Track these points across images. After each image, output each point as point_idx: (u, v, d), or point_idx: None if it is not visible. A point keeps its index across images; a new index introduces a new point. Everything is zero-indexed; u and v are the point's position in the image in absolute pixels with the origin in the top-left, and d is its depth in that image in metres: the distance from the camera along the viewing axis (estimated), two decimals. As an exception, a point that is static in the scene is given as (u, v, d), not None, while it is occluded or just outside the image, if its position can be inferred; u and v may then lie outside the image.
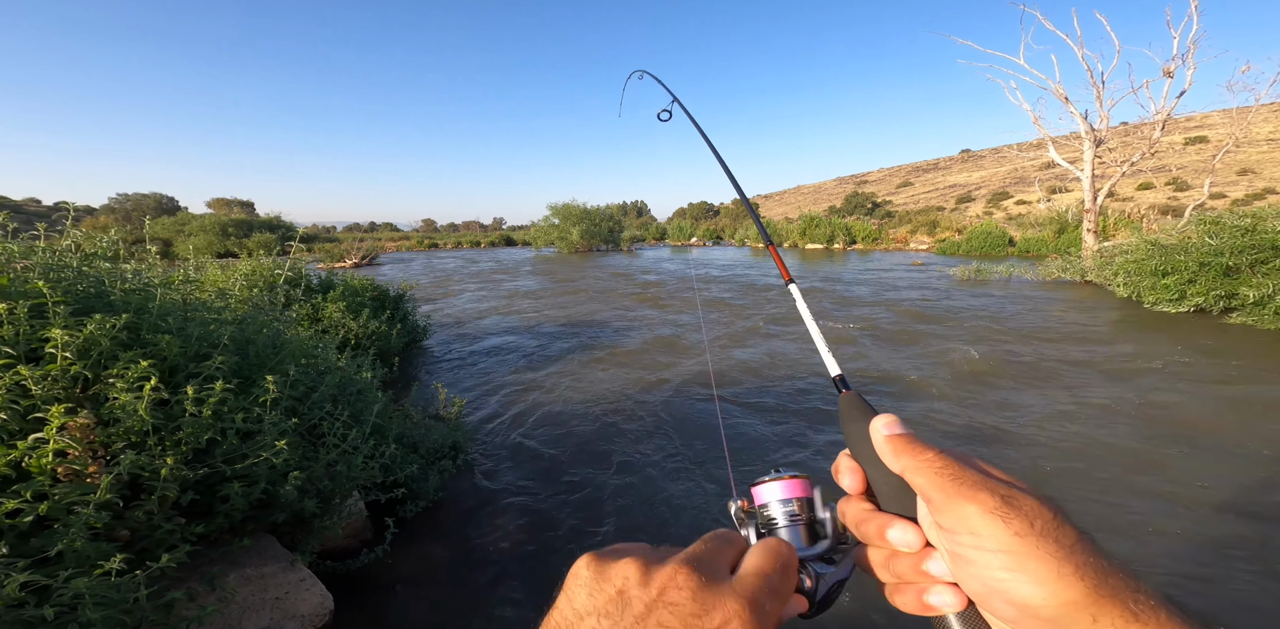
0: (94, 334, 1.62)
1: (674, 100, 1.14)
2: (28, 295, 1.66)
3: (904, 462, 0.36)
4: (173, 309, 2.05)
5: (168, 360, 1.85)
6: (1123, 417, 3.89)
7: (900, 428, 0.38)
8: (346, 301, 5.33)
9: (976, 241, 19.86)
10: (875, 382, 4.90)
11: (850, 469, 0.41)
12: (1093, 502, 2.83)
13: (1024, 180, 58.34)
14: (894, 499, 0.38)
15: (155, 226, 30.85)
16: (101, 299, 1.96)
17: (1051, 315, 7.69)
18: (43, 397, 1.50)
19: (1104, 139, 12.12)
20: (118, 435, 1.54)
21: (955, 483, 0.33)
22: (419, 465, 2.99)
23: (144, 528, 1.56)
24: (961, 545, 0.32)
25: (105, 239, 2.07)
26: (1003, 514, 0.30)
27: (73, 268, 1.96)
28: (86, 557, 1.33)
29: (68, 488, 1.36)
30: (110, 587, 1.25)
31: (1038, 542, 0.29)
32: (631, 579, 0.32)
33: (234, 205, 46.68)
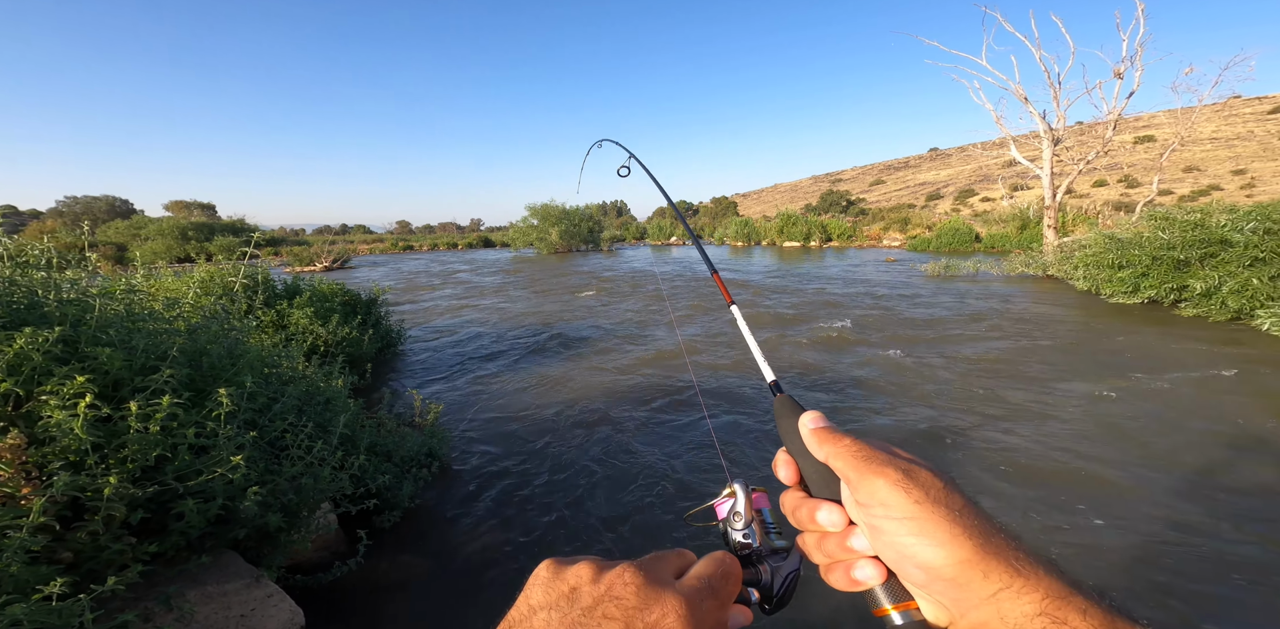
0: (24, 348, 1.53)
1: (630, 156, 1.29)
2: (-48, 308, 1.56)
3: (826, 449, 0.41)
4: (115, 320, 1.95)
5: (110, 374, 1.76)
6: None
7: (823, 422, 0.43)
8: (314, 307, 5.18)
9: (945, 238, 20.38)
10: (848, 384, 4.97)
11: (785, 463, 0.45)
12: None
13: (988, 178, 60.14)
14: (822, 485, 0.42)
15: (108, 230, 29.47)
16: (34, 311, 1.85)
17: (1021, 310, 7.93)
18: (-30, 416, 1.41)
19: (1061, 138, 12.55)
20: (54, 455, 1.45)
21: (866, 462, 0.37)
22: (393, 475, 2.91)
23: (89, 549, 1.47)
24: (874, 516, 0.36)
25: (38, 246, 1.95)
26: (904, 486, 0.35)
27: (3, 278, 1.85)
28: (24, 581, 1.25)
29: (1, 511, 1.28)
30: (51, 611, 1.18)
31: (932, 507, 0.34)
32: (584, 577, 0.35)
33: (194, 208, 44.94)
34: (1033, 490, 2.91)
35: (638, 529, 2.77)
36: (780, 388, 0.51)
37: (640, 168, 1.28)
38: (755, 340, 0.60)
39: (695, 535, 2.60)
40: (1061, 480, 3.00)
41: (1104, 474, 3.03)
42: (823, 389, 4.73)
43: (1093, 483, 2.96)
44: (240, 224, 33.23)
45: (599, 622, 0.31)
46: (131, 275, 2.63)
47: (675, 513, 2.89)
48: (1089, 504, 2.76)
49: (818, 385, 4.82)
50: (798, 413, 0.45)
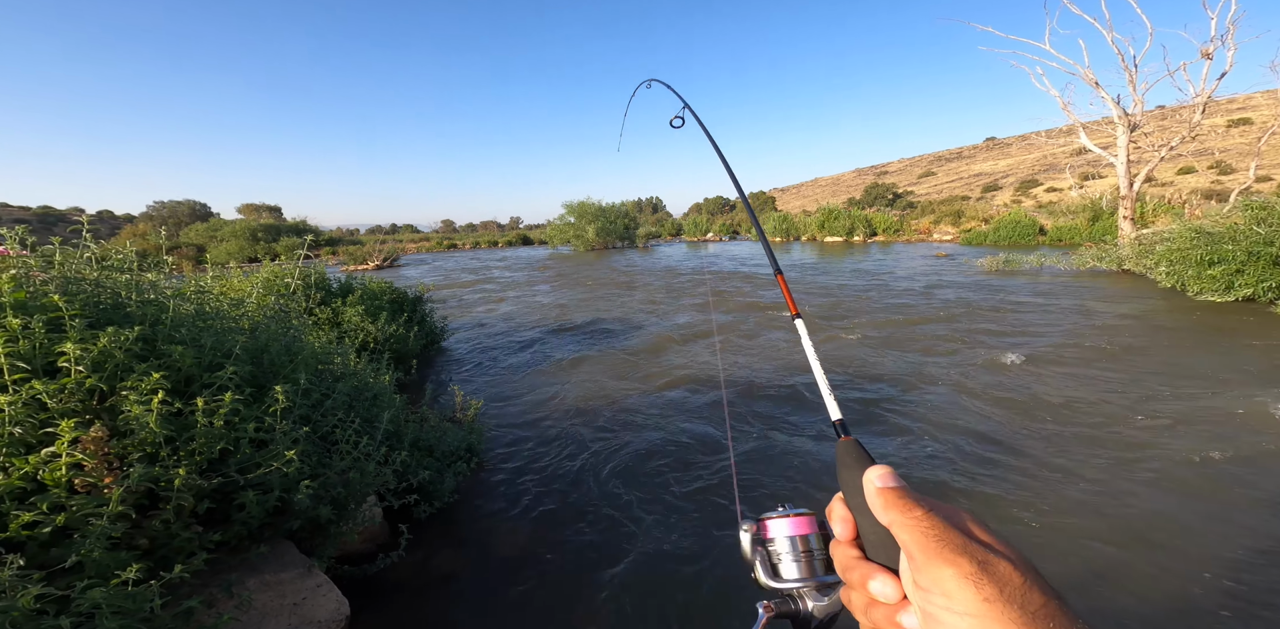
0: (108, 347, 1.65)
1: (685, 106, 1.16)
2: (45, 309, 1.70)
3: (892, 516, 0.37)
4: (186, 319, 2.08)
5: (182, 371, 1.88)
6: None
7: (893, 481, 0.39)
8: (365, 305, 5.41)
9: (1005, 231, 19.21)
10: (907, 387, 4.77)
11: (842, 518, 0.42)
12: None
13: (1054, 167, 56.31)
14: (880, 549, 0.39)
15: (190, 233, 32.07)
16: (119, 311, 2.00)
17: (1094, 307, 7.39)
18: (59, 410, 1.53)
19: (1139, 123, 11.60)
20: (133, 447, 1.56)
21: (938, 544, 0.34)
22: (434, 469, 3.00)
23: (162, 537, 1.58)
24: (933, 605, 0.33)
25: (120, 251, 2.10)
26: (975, 580, 0.32)
27: (90, 280, 2.00)
28: (105, 566, 1.35)
29: (84, 499, 1.38)
30: (126, 596, 1.27)
31: (1004, 608, 0.31)
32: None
33: (262, 210, 47.98)
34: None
35: (663, 524, 2.74)
36: (846, 429, 0.47)
37: (694, 119, 1.14)
38: (822, 368, 0.53)
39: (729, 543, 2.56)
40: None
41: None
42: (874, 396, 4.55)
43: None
44: (303, 225, 35.31)
45: None
46: (202, 276, 2.81)
47: (715, 522, 2.84)
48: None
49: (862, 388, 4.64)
50: (864, 463, 0.42)
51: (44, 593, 1.12)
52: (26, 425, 1.45)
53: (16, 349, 1.50)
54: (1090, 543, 2.43)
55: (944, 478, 3.05)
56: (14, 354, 1.49)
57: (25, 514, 1.26)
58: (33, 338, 1.53)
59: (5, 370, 1.43)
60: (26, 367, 1.48)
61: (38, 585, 1.12)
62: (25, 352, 1.52)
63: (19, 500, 1.35)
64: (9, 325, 1.47)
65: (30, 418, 1.45)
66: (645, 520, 2.86)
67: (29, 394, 1.45)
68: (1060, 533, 2.51)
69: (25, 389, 1.45)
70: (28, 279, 1.81)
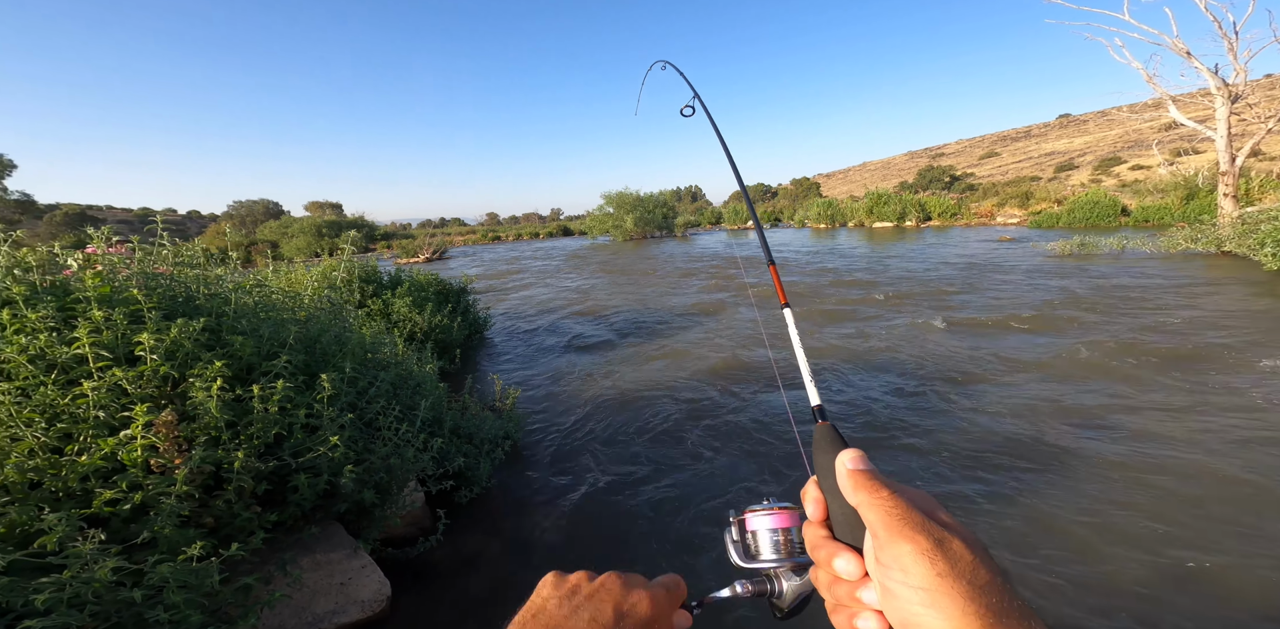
0: (178, 337, 1.79)
1: (695, 96, 1.18)
2: (126, 303, 1.86)
3: (860, 497, 0.39)
4: (247, 311, 2.23)
5: (243, 360, 2.02)
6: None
7: (863, 464, 0.42)
8: (412, 297, 5.64)
9: (1081, 213, 17.69)
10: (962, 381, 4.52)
11: (814, 498, 0.45)
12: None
13: (1140, 144, 51.34)
14: (847, 529, 0.41)
15: (265, 230, 34.61)
16: (189, 303, 2.17)
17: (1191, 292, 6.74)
18: (137, 395, 1.68)
19: (1241, 94, 10.39)
20: (199, 431, 1.69)
21: (900, 523, 0.36)
22: (472, 456, 3.11)
23: (225, 516, 1.72)
24: (891, 580, 0.36)
25: (190, 248, 2.27)
26: (931, 556, 0.34)
27: (166, 276, 2.18)
28: (175, 542, 1.48)
29: (158, 479, 1.51)
30: (191, 572, 1.38)
31: (953, 582, 0.33)
32: (582, 579, 0.50)
33: (325, 207, 50.82)
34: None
35: (699, 516, 2.73)
36: (824, 414, 0.50)
37: (702, 110, 1.16)
38: (805, 355, 0.57)
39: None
40: None
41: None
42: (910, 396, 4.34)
43: None
44: (361, 221, 37.27)
45: (596, 603, 0.46)
46: (263, 270, 3.00)
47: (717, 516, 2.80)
48: None
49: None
50: (838, 447, 0.44)
51: (119, 566, 1.23)
52: (110, 409, 1.59)
53: (100, 339, 1.65)
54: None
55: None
56: (98, 344, 1.64)
57: (107, 492, 1.39)
58: (115, 329, 1.68)
59: (90, 358, 1.58)
60: (109, 355, 1.63)
61: (115, 559, 1.23)
62: (108, 341, 1.67)
63: (103, 479, 1.49)
64: (93, 317, 1.61)
65: (113, 402, 1.60)
66: (676, 501, 2.87)
67: (111, 381, 1.60)
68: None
69: (108, 376, 1.60)
70: (112, 275, 1.99)
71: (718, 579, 2.32)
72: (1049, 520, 2.53)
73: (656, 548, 2.56)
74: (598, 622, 0.44)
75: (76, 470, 1.41)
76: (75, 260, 1.94)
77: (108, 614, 1.32)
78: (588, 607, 0.45)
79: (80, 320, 1.60)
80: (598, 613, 0.45)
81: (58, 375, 1.57)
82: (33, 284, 1.70)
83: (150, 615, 1.32)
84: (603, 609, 0.45)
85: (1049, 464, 3.02)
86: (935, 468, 3.08)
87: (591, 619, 0.44)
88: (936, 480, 2.96)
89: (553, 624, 0.44)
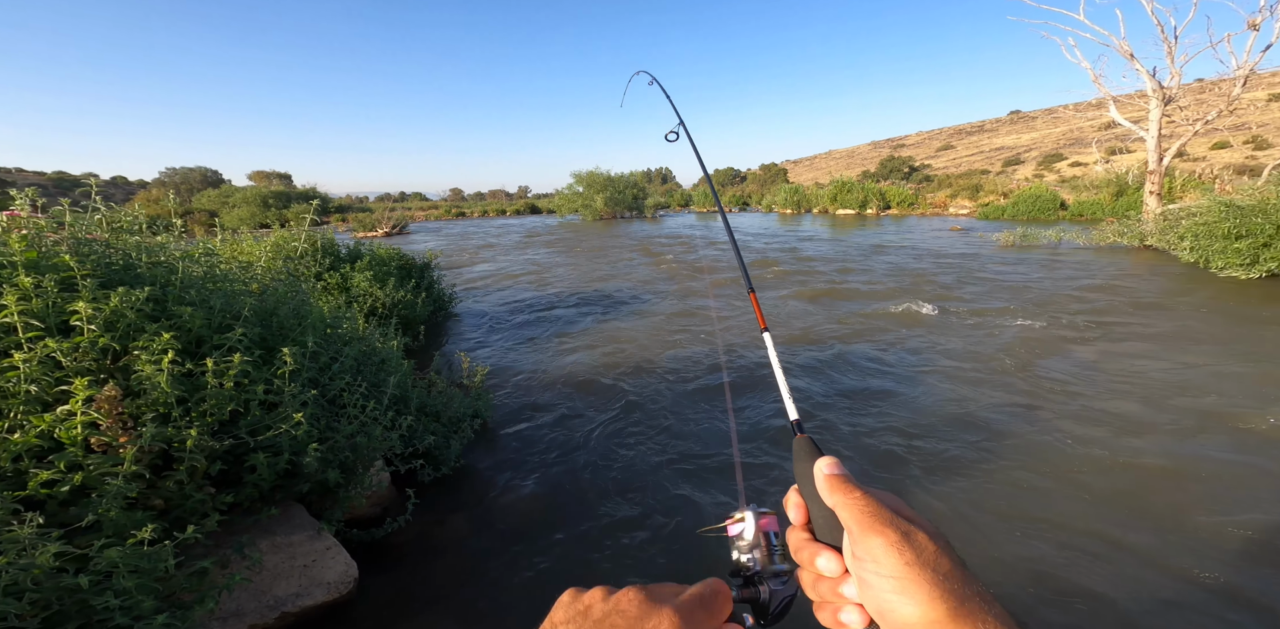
0: (119, 306, 1.65)
1: (680, 123, 1.26)
2: (57, 269, 1.69)
3: (836, 498, 0.43)
4: (195, 281, 2.07)
5: (192, 332, 1.88)
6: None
7: (839, 469, 0.45)
8: (373, 271, 5.39)
9: (1024, 205, 18.76)
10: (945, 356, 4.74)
11: (796, 504, 0.48)
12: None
13: (1080, 141, 54.12)
14: (826, 531, 0.44)
15: (202, 199, 32.36)
16: (129, 272, 1.99)
17: (1113, 282, 7.25)
18: (73, 369, 1.54)
19: (1174, 97, 11.10)
20: (146, 407, 1.58)
21: (871, 519, 0.40)
22: (441, 434, 3.04)
23: (176, 498, 1.62)
24: (866, 571, 0.39)
25: (130, 214, 2.07)
26: (899, 547, 0.38)
27: (101, 241, 1.99)
28: (121, 525, 1.38)
29: (100, 459, 1.40)
30: (142, 556, 1.30)
31: (919, 570, 0.37)
32: (596, 598, 0.42)
33: (273, 178, 47.54)
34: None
35: (655, 501, 2.79)
36: (802, 428, 0.53)
37: (686, 136, 1.26)
38: (784, 374, 0.59)
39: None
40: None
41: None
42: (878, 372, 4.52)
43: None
44: (312, 192, 35.13)
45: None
46: (211, 239, 2.79)
47: (709, 491, 2.88)
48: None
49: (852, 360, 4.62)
50: (815, 456, 0.47)
51: (63, 551, 1.14)
52: (42, 384, 1.46)
53: (30, 307, 1.49)
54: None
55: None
56: (27, 312, 1.49)
57: (43, 472, 1.28)
58: (45, 296, 1.53)
59: (19, 328, 1.43)
60: (40, 325, 1.49)
61: (56, 543, 1.14)
62: (38, 310, 1.52)
63: (37, 459, 1.37)
64: (21, 284, 1.46)
65: (45, 376, 1.47)
66: (647, 485, 2.91)
67: (43, 352, 1.46)
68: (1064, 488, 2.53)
69: (39, 347, 1.46)
70: (39, 239, 1.80)
71: (692, 563, 2.39)
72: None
73: (627, 525, 2.60)
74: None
75: (9, 449, 1.29)
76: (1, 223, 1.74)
77: (49, 602, 1.23)
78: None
79: (4, 287, 1.44)
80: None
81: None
82: (-56, 246, 1.52)
83: (98, 602, 1.23)
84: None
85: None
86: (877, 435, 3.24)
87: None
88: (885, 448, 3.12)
89: None
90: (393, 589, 2.20)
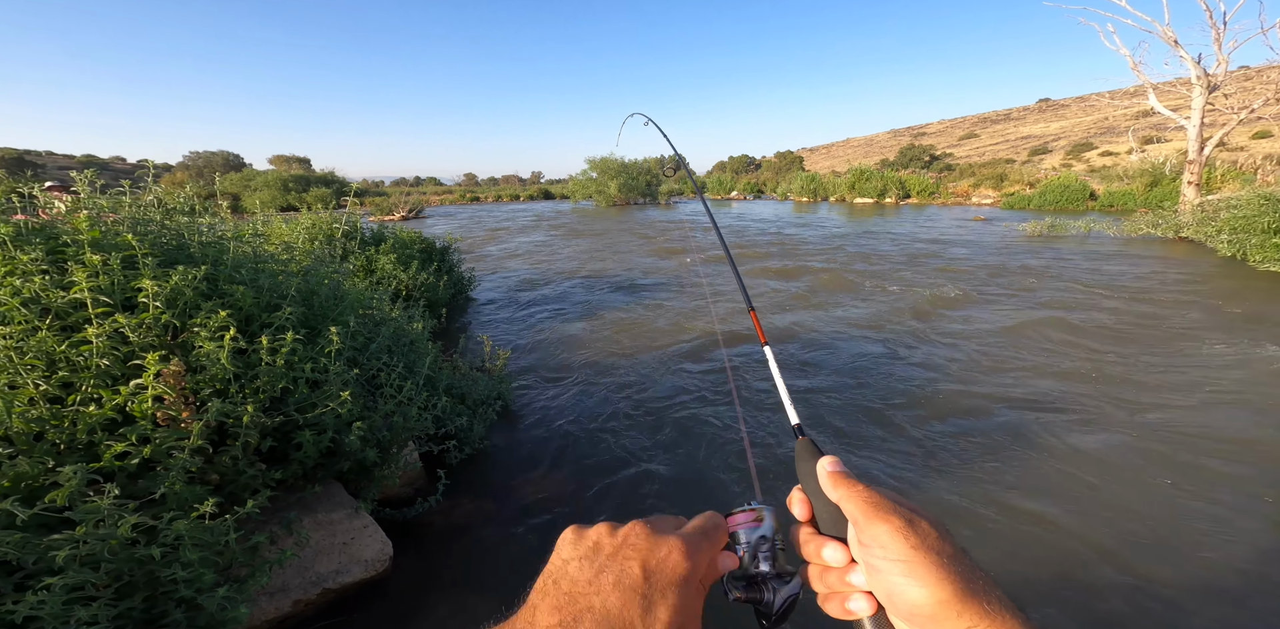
0: (179, 284, 1.69)
1: (676, 153, 1.45)
2: (119, 248, 1.73)
3: (839, 492, 0.45)
4: (244, 261, 2.12)
5: (243, 310, 1.93)
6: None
7: (839, 466, 0.48)
8: (397, 254, 5.45)
9: (1051, 195, 18.24)
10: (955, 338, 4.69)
11: (800, 501, 0.50)
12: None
13: (1112, 131, 52.33)
14: (831, 524, 0.47)
15: (225, 182, 32.88)
16: (182, 251, 2.04)
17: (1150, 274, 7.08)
18: (140, 344, 1.59)
19: (1219, 84, 10.65)
20: (205, 382, 1.63)
21: (874, 508, 0.42)
22: (466, 416, 3.10)
23: (230, 473, 1.67)
24: (873, 557, 0.41)
25: (182, 194, 2.12)
26: (904, 532, 0.39)
27: (156, 222, 2.03)
28: (184, 499, 1.44)
29: (166, 432, 1.46)
30: (205, 529, 1.35)
31: (925, 554, 0.38)
32: (603, 533, 0.44)
33: (292, 162, 47.86)
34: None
35: (674, 476, 2.82)
36: (803, 431, 0.56)
37: (685, 168, 1.42)
38: (784, 382, 0.63)
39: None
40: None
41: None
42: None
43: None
44: (331, 176, 35.46)
45: (620, 563, 0.41)
46: (254, 221, 2.83)
47: (736, 468, 2.91)
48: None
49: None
50: (817, 456, 0.50)
51: (140, 521, 1.19)
52: (112, 358, 1.51)
53: (98, 284, 1.54)
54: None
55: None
56: (96, 289, 1.53)
57: (118, 444, 1.33)
58: (111, 274, 1.57)
59: (90, 304, 1.48)
60: (109, 301, 1.53)
61: (134, 515, 1.19)
62: (106, 287, 1.56)
63: (108, 431, 1.43)
64: (89, 261, 1.50)
65: (114, 350, 1.52)
66: (665, 461, 2.95)
67: (112, 327, 1.51)
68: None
69: (109, 323, 1.51)
70: (99, 219, 1.84)
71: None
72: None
73: (649, 500, 2.65)
74: (623, 585, 0.39)
75: (85, 421, 1.34)
76: (63, 202, 1.78)
77: (121, 572, 1.28)
78: (611, 567, 0.40)
79: (72, 265, 1.49)
80: (622, 574, 0.40)
81: (52, 321, 1.47)
82: (18, 225, 1.56)
83: (165, 574, 1.29)
84: (628, 569, 0.40)
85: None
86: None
87: (616, 582, 0.39)
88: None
89: (575, 591, 0.39)
90: (425, 568, 2.24)
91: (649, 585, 0.40)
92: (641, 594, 0.39)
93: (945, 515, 2.49)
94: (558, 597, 0.39)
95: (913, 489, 2.72)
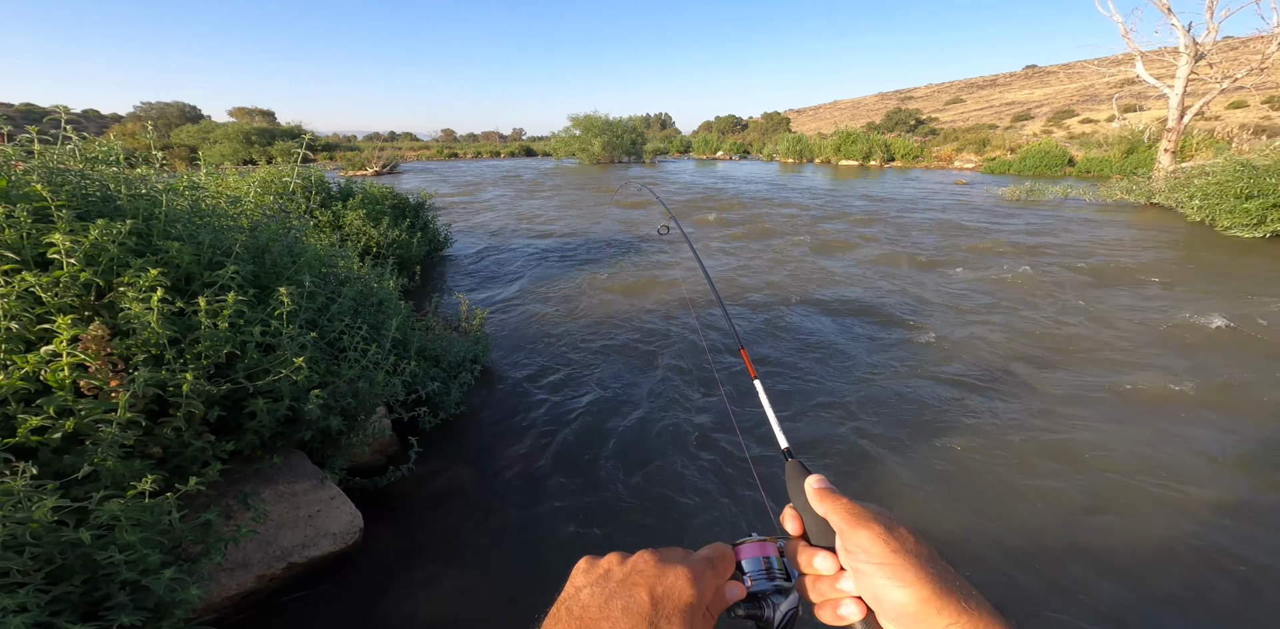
0: (99, 239, 1.50)
1: (672, 217, 1.56)
2: (29, 199, 1.52)
3: (825, 506, 0.49)
4: (182, 215, 1.90)
5: (180, 269, 1.75)
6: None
7: (825, 483, 0.52)
8: (366, 209, 5.15)
9: (1031, 161, 18.40)
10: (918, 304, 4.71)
11: (792, 517, 0.54)
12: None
13: (1094, 98, 52.09)
14: (820, 536, 0.50)
15: (180, 134, 30.45)
16: (108, 204, 1.82)
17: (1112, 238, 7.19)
18: (55, 305, 1.42)
19: (1205, 53, 10.60)
20: (136, 348, 1.47)
21: (856, 518, 0.45)
22: (441, 379, 2.98)
23: (174, 445, 1.54)
24: (858, 561, 0.44)
25: (105, 144, 1.87)
26: (885, 538, 0.43)
27: (75, 172, 1.79)
28: (120, 476, 1.31)
29: (92, 403, 1.32)
30: (144, 509, 1.24)
31: (904, 556, 0.42)
32: (613, 562, 0.47)
33: (255, 114, 44.64)
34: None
35: (653, 443, 2.80)
36: (793, 453, 0.60)
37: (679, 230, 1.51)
38: (774, 410, 0.66)
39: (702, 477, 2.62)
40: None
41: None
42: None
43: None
44: (297, 130, 33.29)
45: (629, 590, 0.43)
46: (195, 173, 2.57)
47: (707, 432, 2.90)
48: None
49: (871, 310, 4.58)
50: (805, 475, 0.54)
51: (60, 504, 1.08)
52: (23, 320, 1.34)
53: (3, 238, 1.34)
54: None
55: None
56: (1, 243, 1.34)
57: (33, 418, 1.19)
58: (19, 227, 1.37)
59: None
60: (15, 257, 1.34)
61: (53, 496, 1.07)
62: (13, 241, 1.37)
63: (25, 403, 1.28)
64: (-15, 212, 1.30)
65: (26, 312, 1.34)
66: (644, 428, 2.93)
67: (21, 287, 1.33)
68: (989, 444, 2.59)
69: (16, 281, 1.33)
70: (7, 168, 1.61)
71: (688, 512, 2.42)
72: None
73: (626, 471, 2.62)
74: (631, 611, 0.41)
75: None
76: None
77: (50, 556, 1.17)
78: (620, 594, 0.42)
79: (-34, 215, 1.29)
80: (630, 601, 0.42)
81: (-54, 279, 1.28)
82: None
83: (101, 557, 1.18)
84: (636, 596, 0.42)
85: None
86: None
87: (625, 608, 0.41)
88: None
89: (586, 616, 0.41)
90: (399, 538, 2.17)
91: (656, 612, 0.41)
92: (649, 621, 0.40)
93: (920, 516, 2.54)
94: (569, 622, 0.41)
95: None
